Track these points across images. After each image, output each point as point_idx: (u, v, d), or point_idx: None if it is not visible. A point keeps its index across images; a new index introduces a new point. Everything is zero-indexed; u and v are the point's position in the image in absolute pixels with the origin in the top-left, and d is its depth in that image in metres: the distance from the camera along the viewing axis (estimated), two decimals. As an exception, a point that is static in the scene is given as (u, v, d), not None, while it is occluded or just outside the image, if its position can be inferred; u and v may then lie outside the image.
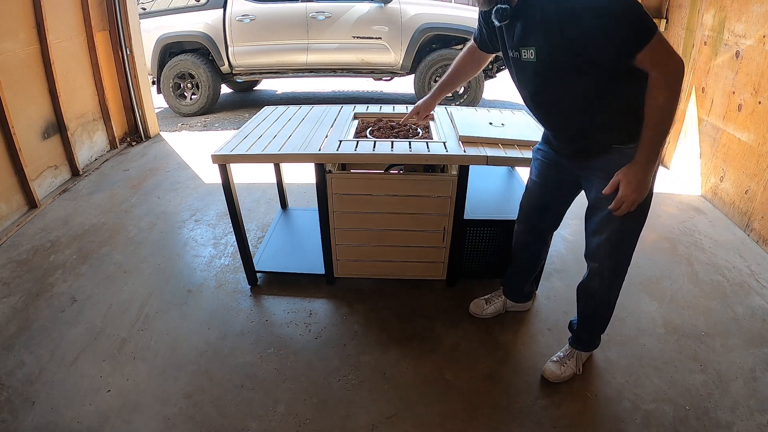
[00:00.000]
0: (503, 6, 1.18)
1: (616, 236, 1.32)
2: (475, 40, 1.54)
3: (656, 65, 1.08)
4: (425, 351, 1.67)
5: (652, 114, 1.12)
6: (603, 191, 1.23)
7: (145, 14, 4.81)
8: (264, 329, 1.78)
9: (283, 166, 2.45)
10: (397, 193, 1.74)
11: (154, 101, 4.15)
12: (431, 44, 4.83)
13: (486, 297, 1.84)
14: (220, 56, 4.77)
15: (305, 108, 2.23)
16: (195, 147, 3.74)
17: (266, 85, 6.38)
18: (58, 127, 2.95)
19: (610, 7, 1.05)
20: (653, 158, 1.16)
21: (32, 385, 1.54)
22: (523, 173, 2.20)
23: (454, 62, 1.65)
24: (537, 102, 1.30)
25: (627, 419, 1.42)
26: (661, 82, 1.08)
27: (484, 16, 1.40)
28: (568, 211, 1.55)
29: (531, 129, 1.86)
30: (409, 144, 1.72)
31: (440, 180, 1.72)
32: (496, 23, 1.23)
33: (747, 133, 2.45)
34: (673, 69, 1.08)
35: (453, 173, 1.71)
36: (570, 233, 2.38)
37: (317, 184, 1.73)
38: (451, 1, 5.21)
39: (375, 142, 1.75)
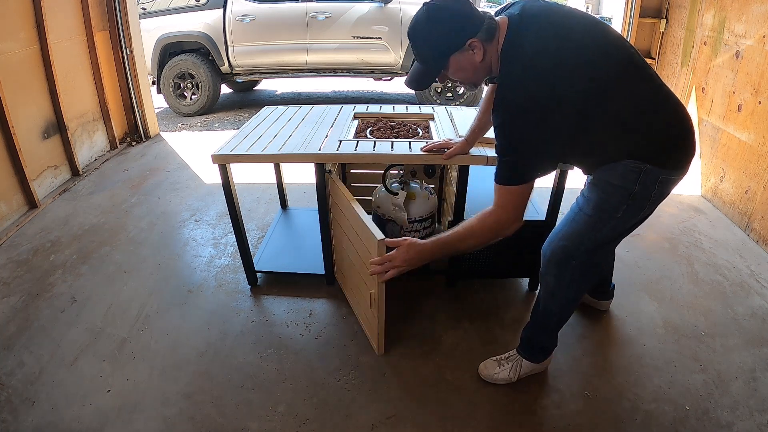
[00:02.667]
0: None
1: (569, 245, 1.28)
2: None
3: (500, 203, 1.20)
4: (425, 351, 1.67)
5: (464, 228, 1.25)
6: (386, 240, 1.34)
7: (145, 14, 4.81)
8: (264, 329, 1.78)
9: (283, 166, 2.45)
10: (397, 193, 1.74)
11: (154, 101, 4.15)
12: (431, 44, 4.82)
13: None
14: (220, 56, 4.77)
15: (305, 108, 2.23)
16: (195, 147, 3.74)
17: (266, 85, 6.38)
18: (58, 127, 2.95)
19: (502, 131, 1.15)
20: (437, 254, 1.28)
21: (32, 385, 1.54)
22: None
23: (481, 104, 1.59)
24: None
25: (627, 419, 1.42)
26: (489, 219, 1.21)
27: None
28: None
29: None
30: (409, 144, 1.72)
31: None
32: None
33: (747, 133, 2.45)
34: (503, 223, 1.21)
35: (453, 173, 1.71)
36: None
37: (317, 184, 1.73)
38: (451, 1, 5.20)
39: (375, 142, 1.76)
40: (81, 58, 3.26)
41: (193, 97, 4.97)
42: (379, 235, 1.34)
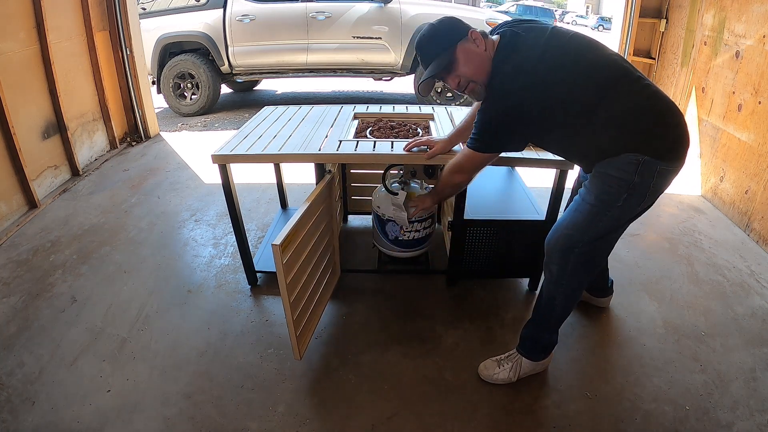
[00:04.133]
0: None
1: (573, 234, 1.32)
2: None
3: (459, 162, 1.42)
4: (425, 351, 1.67)
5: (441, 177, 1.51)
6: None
7: (145, 14, 4.81)
8: (264, 329, 1.78)
9: (283, 166, 2.45)
10: (397, 193, 1.74)
11: (154, 101, 4.15)
12: (431, 44, 4.82)
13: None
14: (220, 56, 4.77)
15: (305, 108, 2.23)
16: (195, 147, 3.74)
17: (266, 85, 6.38)
18: (58, 127, 2.95)
19: (487, 106, 1.29)
20: (435, 199, 1.66)
21: (32, 385, 1.54)
22: (523, 173, 2.21)
23: (471, 110, 1.65)
24: None
25: (627, 419, 1.42)
26: (449, 170, 1.45)
27: None
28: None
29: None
30: (409, 144, 1.72)
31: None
32: None
33: (747, 133, 2.45)
34: (453, 178, 1.46)
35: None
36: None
37: (317, 184, 1.73)
38: (451, 1, 5.21)
39: (375, 142, 1.76)
40: (81, 58, 3.26)
41: (193, 97, 4.96)
42: (277, 240, 1.34)
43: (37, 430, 1.40)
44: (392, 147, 1.70)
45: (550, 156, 1.60)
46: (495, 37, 1.32)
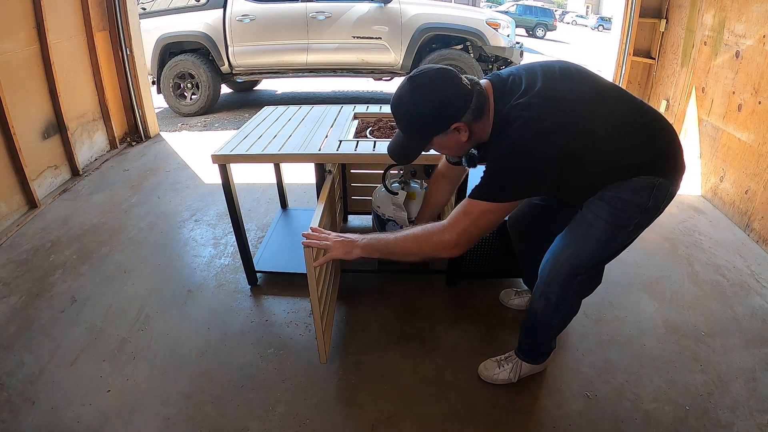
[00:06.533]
0: (473, 152, 1.22)
1: (576, 264, 1.27)
2: (448, 160, 1.47)
3: (454, 219, 1.14)
4: (425, 351, 1.67)
5: (407, 237, 1.19)
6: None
7: (145, 14, 4.82)
8: (264, 329, 1.78)
9: (283, 166, 2.45)
10: (397, 193, 1.74)
11: (154, 101, 4.15)
12: (431, 44, 4.83)
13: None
14: (220, 56, 4.78)
15: (305, 108, 2.23)
16: (195, 147, 3.74)
17: (266, 85, 6.39)
18: (58, 127, 2.95)
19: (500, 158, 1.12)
20: (369, 252, 1.22)
21: (32, 385, 1.54)
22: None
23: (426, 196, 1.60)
24: None
25: (627, 419, 1.42)
26: (435, 239, 1.15)
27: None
28: None
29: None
30: (409, 144, 1.72)
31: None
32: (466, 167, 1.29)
33: (747, 133, 2.45)
34: (447, 240, 1.14)
35: (453, 173, 1.71)
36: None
37: (317, 184, 1.73)
38: (451, 1, 5.21)
39: (375, 142, 1.76)
40: (81, 58, 3.26)
41: (193, 97, 4.97)
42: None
43: (37, 430, 1.40)
44: (392, 147, 1.70)
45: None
46: (485, 83, 1.17)
